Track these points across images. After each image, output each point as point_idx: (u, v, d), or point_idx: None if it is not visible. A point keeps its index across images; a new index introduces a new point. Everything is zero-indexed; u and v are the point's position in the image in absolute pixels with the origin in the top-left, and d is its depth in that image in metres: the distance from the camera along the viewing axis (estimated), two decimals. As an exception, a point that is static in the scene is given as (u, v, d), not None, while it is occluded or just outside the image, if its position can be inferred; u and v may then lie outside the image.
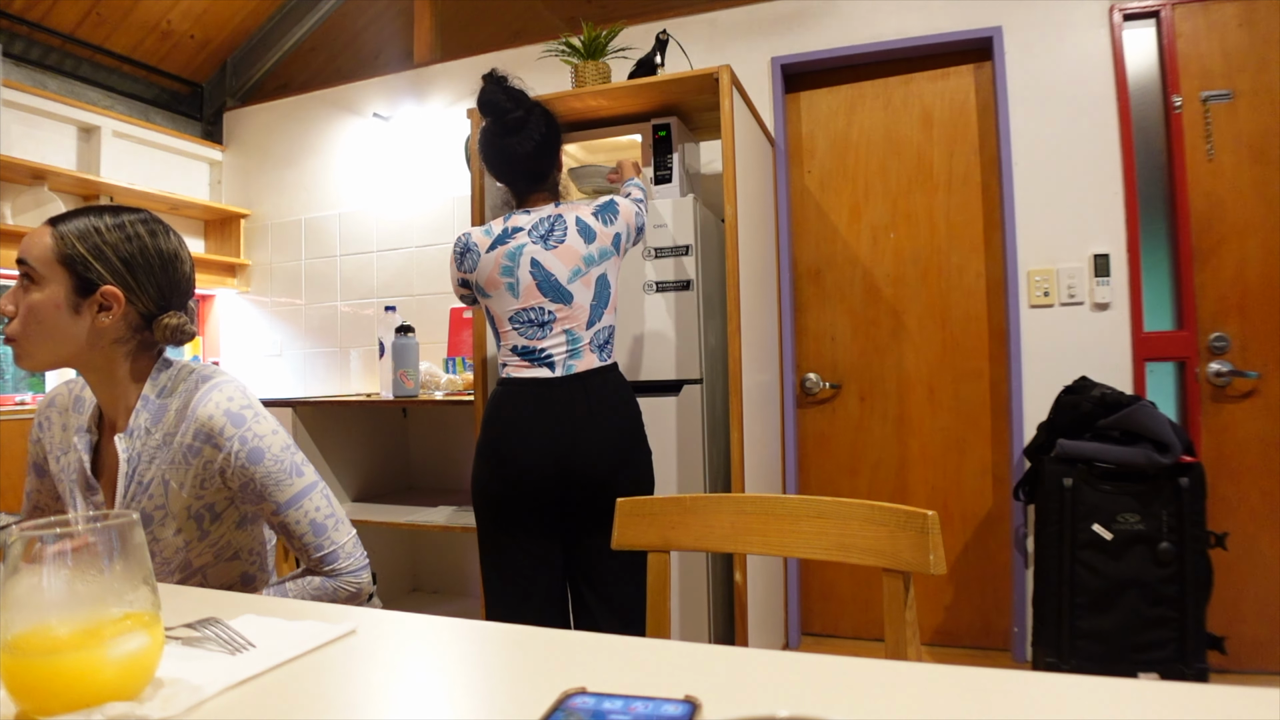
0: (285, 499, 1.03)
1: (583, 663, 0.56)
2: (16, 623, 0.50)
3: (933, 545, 0.85)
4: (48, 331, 0.99)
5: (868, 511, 0.91)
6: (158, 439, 1.03)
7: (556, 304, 1.68)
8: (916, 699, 0.48)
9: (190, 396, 1.03)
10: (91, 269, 1.00)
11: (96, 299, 1.00)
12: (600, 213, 1.76)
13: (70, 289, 0.99)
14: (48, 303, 0.99)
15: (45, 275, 0.98)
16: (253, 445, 1.02)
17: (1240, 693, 0.45)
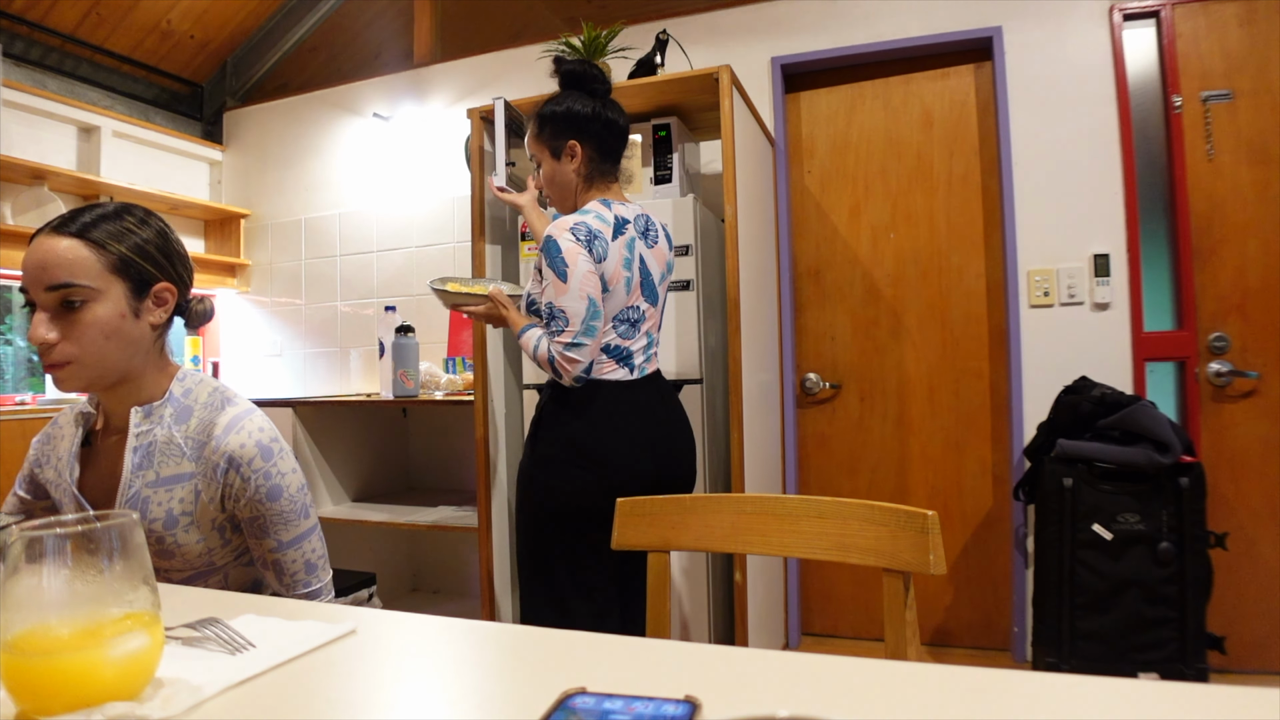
0: (289, 539, 1.04)
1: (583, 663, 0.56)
2: (17, 622, 0.50)
3: (933, 545, 0.85)
4: (116, 344, 0.97)
5: (868, 511, 0.91)
6: (180, 440, 1.02)
7: (649, 304, 1.67)
8: (916, 699, 0.48)
9: (216, 415, 1.03)
10: (145, 270, 1.00)
11: (151, 298, 1.01)
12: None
13: (129, 294, 0.98)
14: (113, 315, 0.96)
15: (101, 289, 0.95)
16: (274, 482, 1.02)
17: (1240, 693, 0.45)
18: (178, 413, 1.04)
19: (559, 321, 1.52)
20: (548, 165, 1.64)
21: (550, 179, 1.65)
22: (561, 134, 1.62)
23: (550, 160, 1.64)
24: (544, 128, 1.63)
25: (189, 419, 1.04)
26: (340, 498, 2.85)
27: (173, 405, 1.04)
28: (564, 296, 1.51)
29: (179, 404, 1.04)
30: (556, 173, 1.63)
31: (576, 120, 1.62)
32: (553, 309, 1.52)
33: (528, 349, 1.58)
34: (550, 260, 1.52)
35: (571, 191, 1.65)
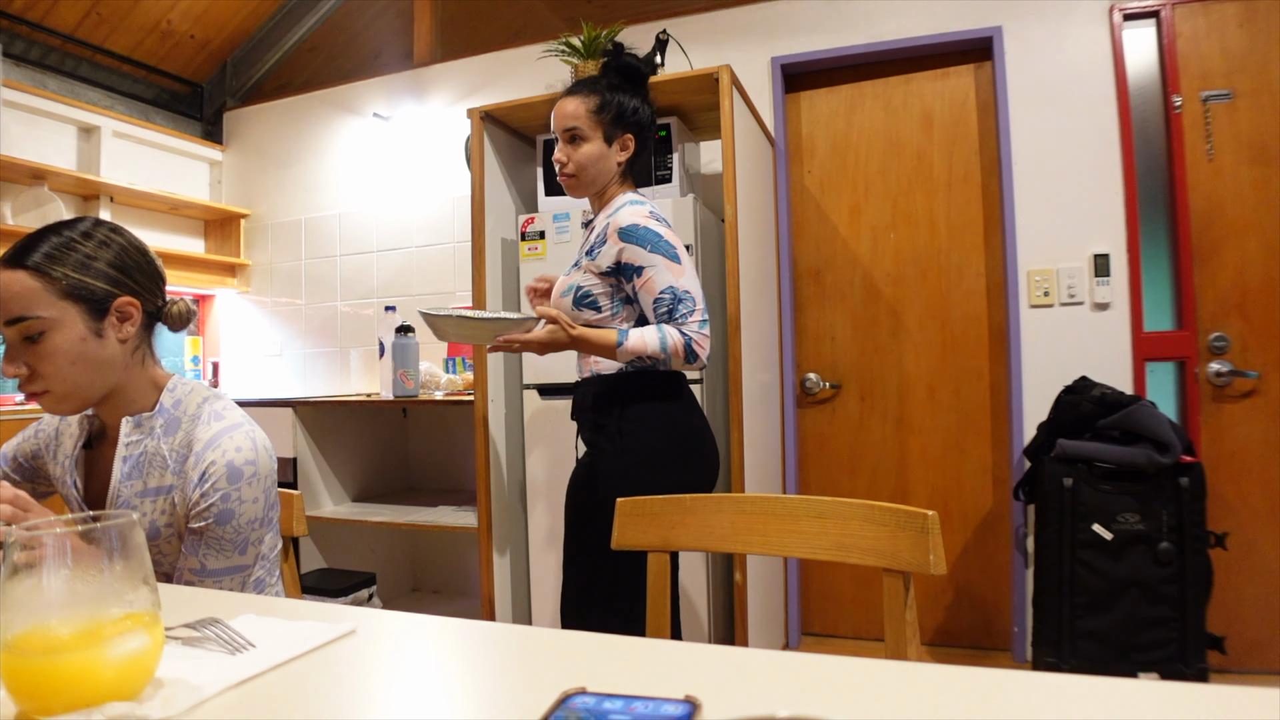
0: (215, 567, 1.00)
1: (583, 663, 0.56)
2: (16, 622, 0.50)
3: (933, 545, 0.85)
4: (84, 367, 0.97)
5: (868, 511, 0.91)
6: (165, 452, 1.02)
7: None
8: (916, 699, 0.48)
9: (204, 430, 1.02)
10: (98, 289, 0.98)
11: (113, 315, 0.99)
12: None
13: (86, 316, 0.97)
14: (72, 340, 0.95)
15: (54, 317, 0.94)
16: (229, 506, 0.99)
17: (1240, 693, 0.45)
18: (167, 424, 1.03)
19: (687, 303, 1.47)
20: (595, 146, 1.57)
21: (592, 159, 1.57)
22: (623, 126, 1.59)
23: (600, 143, 1.57)
24: (606, 110, 1.57)
25: (177, 431, 1.03)
26: (340, 498, 2.85)
27: (163, 416, 1.04)
28: (683, 278, 1.48)
29: (169, 415, 1.04)
30: (602, 157, 1.57)
31: (641, 121, 1.62)
32: (676, 292, 1.47)
33: (648, 348, 1.46)
34: (654, 246, 1.48)
35: (606, 180, 1.60)
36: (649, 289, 1.48)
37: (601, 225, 1.56)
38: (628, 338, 1.46)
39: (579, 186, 1.61)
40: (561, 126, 1.58)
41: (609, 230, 1.51)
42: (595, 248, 1.54)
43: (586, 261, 1.53)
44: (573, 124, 1.57)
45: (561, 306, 1.55)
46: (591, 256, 1.53)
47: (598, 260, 1.52)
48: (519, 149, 2.58)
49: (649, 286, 1.48)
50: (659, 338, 1.46)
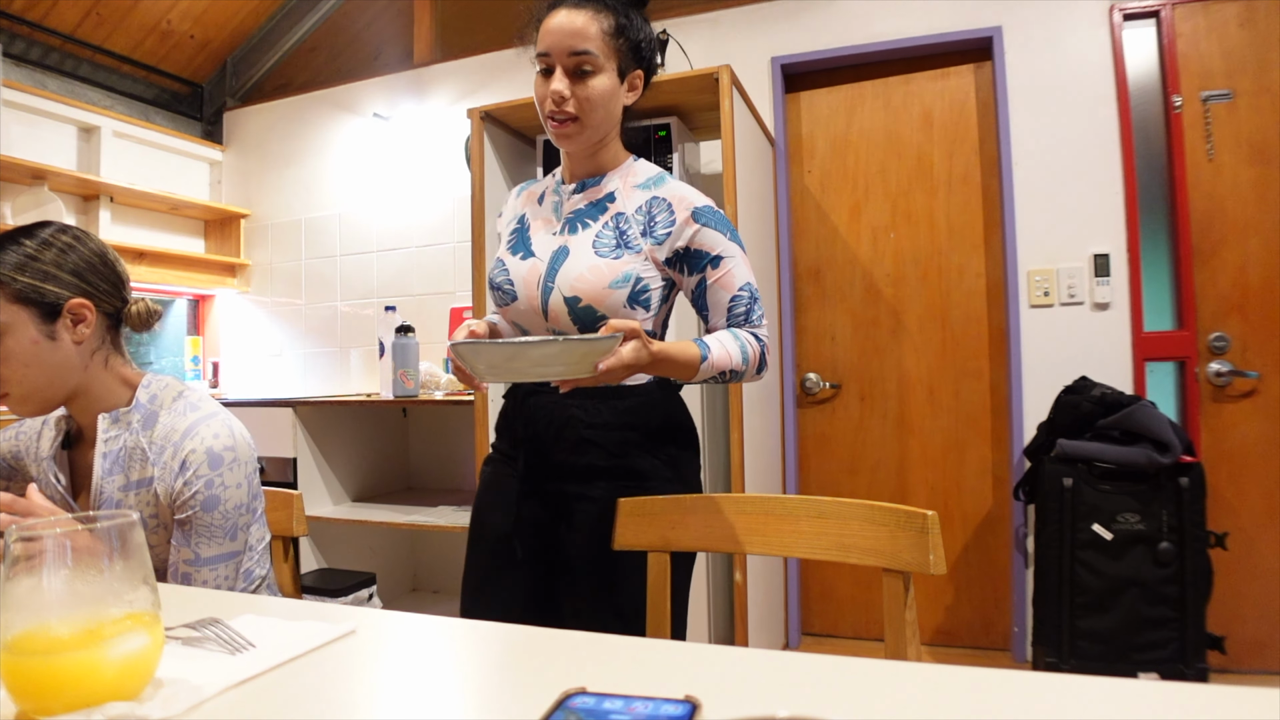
0: (208, 555, 1.01)
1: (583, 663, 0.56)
2: (17, 623, 0.50)
3: (933, 545, 0.85)
4: (39, 371, 0.98)
5: (868, 511, 0.91)
6: (145, 445, 1.03)
7: None
8: (916, 699, 0.48)
9: (178, 420, 1.04)
10: (48, 292, 0.99)
11: (66, 317, 1.00)
12: None
13: (38, 320, 0.98)
14: (23, 344, 0.97)
15: (6, 320, 0.96)
16: (214, 492, 1.01)
17: (1240, 693, 0.45)
18: (145, 418, 1.05)
19: (759, 304, 1.22)
20: (607, 78, 1.16)
21: (604, 97, 1.16)
22: (638, 59, 1.21)
23: (614, 76, 1.17)
24: (624, 34, 1.18)
25: (154, 424, 1.04)
26: (340, 498, 2.85)
27: (140, 411, 1.05)
28: (750, 273, 1.21)
29: (145, 410, 1.05)
30: (614, 96, 1.18)
31: (653, 56, 1.26)
32: (753, 290, 1.21)
33: (731, 362, 1.14)
34: (731, 233, 1.19)
35: (610, 129, 1.22)
36: (726, 284, 1.18)
37: (641, 198, 1.20)
38: (711, 350, 1.12)
39: (577, 135, 1.18)
40: (565, 49, 1.15)
41: (674, 206, 1.17)
42: (656, 227, 1.17)
43: (649, 245, 1.17)
44: (584, 47, 1.14)
45: (610, 304, 1.15)
46: (656, 239, 1.17)
47: (664, 244, 1.17)
48: (519, 149, 2.58)
49: (726, 281, 1.18)
50: (739, 348, 1.15)
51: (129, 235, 3.30)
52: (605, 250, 1.17)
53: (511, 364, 0.96)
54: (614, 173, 1.24)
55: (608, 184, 1.23)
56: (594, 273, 1.15)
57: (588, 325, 1.16)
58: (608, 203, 1.22)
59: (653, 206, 1.19)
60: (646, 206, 1.19)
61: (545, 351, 0.93)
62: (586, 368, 0.96)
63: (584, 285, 1.15)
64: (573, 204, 1.23)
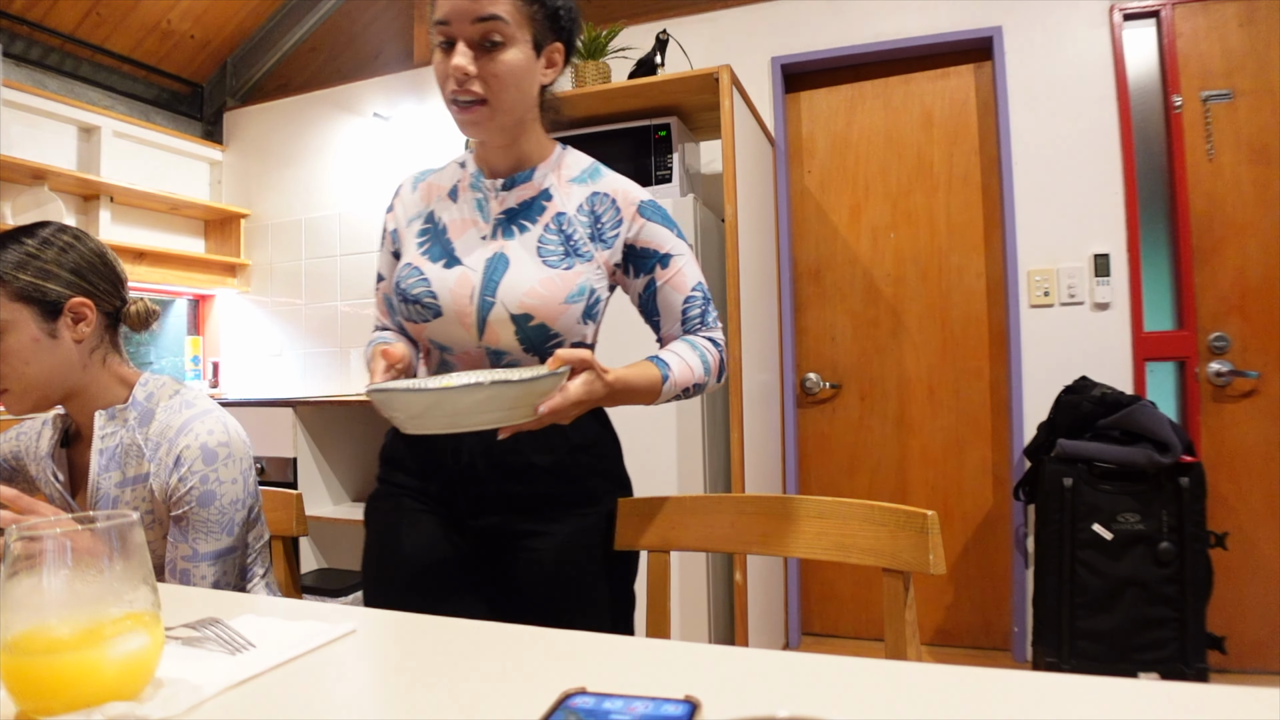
0: (205, 550, 1.01)
1: (583, 663, 0.56)
2: (16, 622, 0.50)
3: (933, 545, 0.85)
4: (39, 369, 0.99)
5: (868, 511, 0.91)
6: (141, 441, 1.04)
7: None
8: (916, 699, 0.48)
9: (174, 417, 1.04)
10: (49, 291, 1.00)
11: (66, 316, 1.01)
12: None
13: (39, 318, 0.99)
14: (23, 342, 0.98)
15: (8, 319, 0.97)
16: (209, 488, 1.01)
17: (1240, 693, 0.45)
18: (141, 415, 1.05)
19: (713, 306, 1.11)
20: (521, 52, 0.98)
21: (518, 74, 0.98)
22: (556, 29, 1.02)
23: (529, 49, 0.99)
24: (538, 1, 0.98)
25: (151, 421, 1.05)
26: (340, 497, 2.85)
27: (136, 409, 1.05)
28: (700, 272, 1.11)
29: (142, 407, 1.06)
30: (528, 72, 0.99)
31: (572, 25, 1.06)
32: (705, 290, 1.10)
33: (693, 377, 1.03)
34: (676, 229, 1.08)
35: (525, 110, 1.03)
36: (678, 285, 1.07)
37: (581, 194, 1.06)
38: (672, 369, 1.01)
39: (487, 121, 0.99)
40: (468, 15, 0.94)
41: (619, 202, 1.05)
42: (604, 229, 1.05)
43: (600, 251, 1.04)
44: (491, 11, 0.95)
45: (566, 321, 1.01)
46: (606, 243, 1.04)
47: (614, 248, 1.05)
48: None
49: (678, 282, 1.07)
50: (699, 358, 1.04)
51: (129, 235, 3.30)
52: (554, 259, 1.01)
53: (434, 413, 0.80)
54: (543, 165, 1.07)
55: (540, 179, 1.06)
56: (547, 286, 0.99)
57: (538, 346, 1.01)
58: (544, 201, 1.05)
59: (595, 204, 1.05)
60: (589, 205, 1.05)
61: (474, 398, 0.79)
62: (525, 412, 0.83)
63: (536, 301, 0.98)
64: (502, 202, 1.05)
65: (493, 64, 0.96)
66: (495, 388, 0.78)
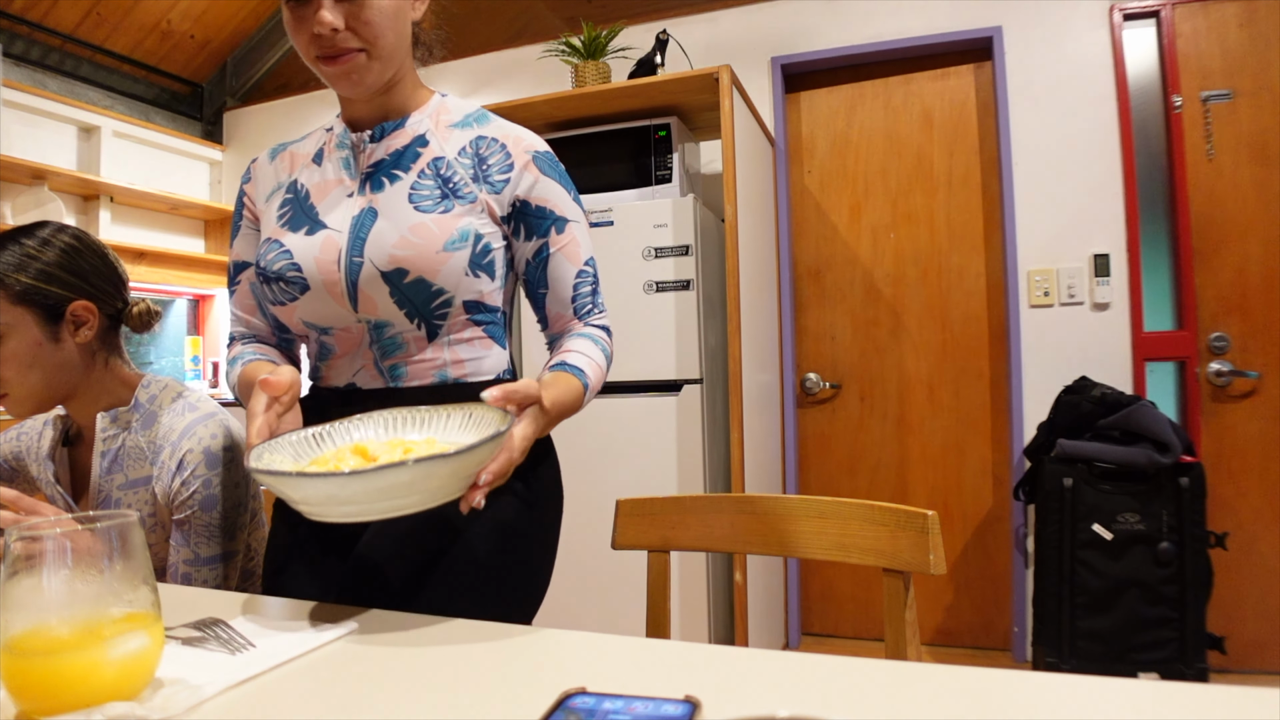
0: (207, 555, 1.01)
1: (583, 663, 0.56)
2: (16, 622, 0.50)
3: (933, 545, 0.84)
4: (41, 372, 0.98)
5: (868, 511, 0.91)
6: (144, 444, 1.04)
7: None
8: (916, 699, 0.48)
9: (176, 420, 1.04)
10: (51, 294, 0.98)
11: (68, 319, 1.00)
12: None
13: (40, 321, 0.98)
14: (25, 346, 0.97)
15: (8, 323, 0.96)
16: (212, 492, 1.00)
17: (1240, 693, 0.45)
18: (144, 418, 1.05)
19: (599, 287, 1.00)
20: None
21: (390, 14, 0.86)
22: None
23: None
24: None
25: (153, 424, 1.05)
26: (340, 498, 2.85)
27: (139, 411, 1.05)
28: (591, 246, 0.99)
29: (145, 410, 1.05)
30: (401, 11, 0.89)
31: None
32: (595, 268, 0.99)
33: (600, 378, 0.94)
34: (574, 193, 0.98)
35: (405, 54, 0.93)
36: (571, 255, 0.95)
37: (463, 138, 0.93)
38: (588, 375, 0.91)
39: (366, 71, 0.87)
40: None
41: (509, 147, 0.93)
42: (490, 170, 0.91)
43: (485, 193, 0.90)
44: None
45: (448, 272, 0.87)
46: (493, 185, 0.91)
47: (503, 194, 0.91)
48: (519, 149, 2.58)
49: (571, 252, 0.95)
50: (601, 352, 0.95)
51: (129, 235, 3.30)
52: (428, 203, 0.88)
53: (337, 503, 0.61)
54: (419, 112, 0.95)
55: (415, 125, 0.94)
56: (419, 232, 0.86)
57: (423, 309, 0.88)
58: (419, 148, 0.92)
59: (480, 147, 0.92)
60: (472, 148, 0.92)
61: (392, 481, 0.59)
62: (460, 485, 0.65)
63: (408, 251, 0.85)
64: (370, 155, 0.92)
65: (363, 9, 0.84)
66: (424, 466, 0.58)
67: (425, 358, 0.91)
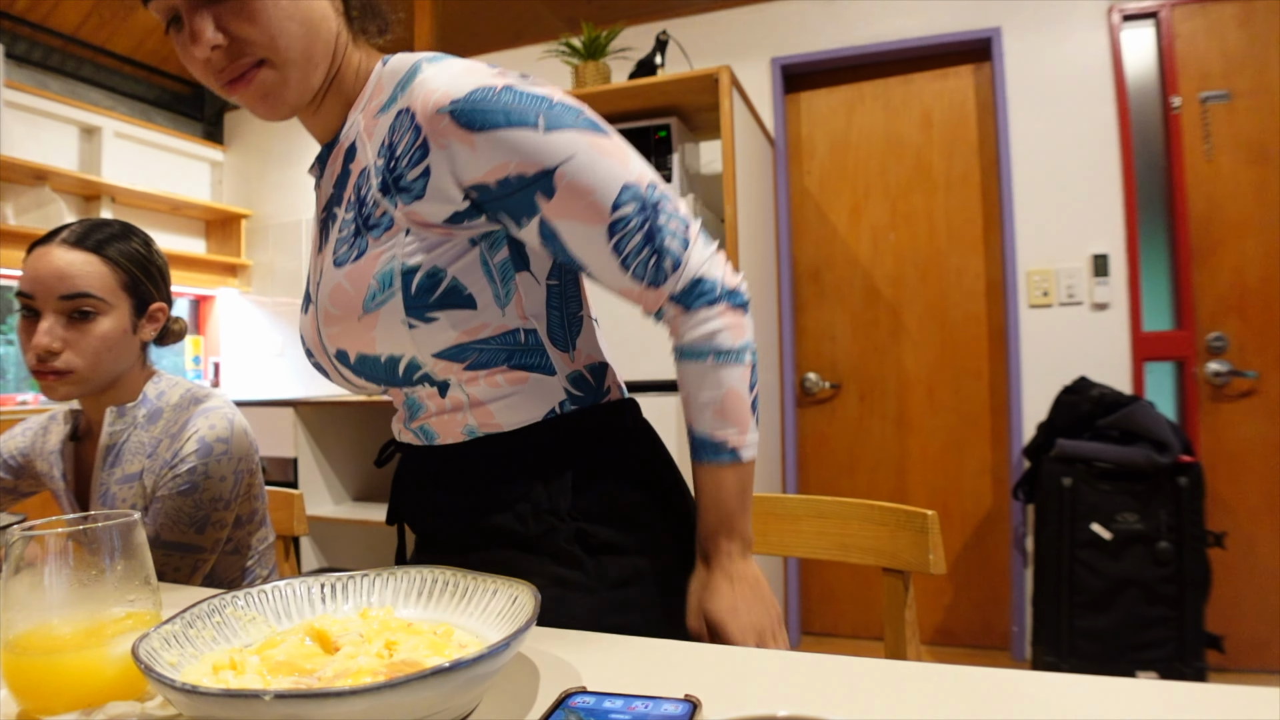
0: (167, 539, 1.00)
1: (583, 663, 0.56)
2: (18, 622, 0.51)
3: (933, 545, 0.85)
4: (113, 357, 1.02)
5: (867, 511, 0.91)
6: (147, 440, 1.05)
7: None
8: (916, 699, 0.48)
9: (182, 415, 1.06)
10: (148, 290, 1.06)
11: (148, 317, 1.07)
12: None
13: (132, 311, 1.04)
14: (118, 330, 1.02)
15: (113, 304, 1.01)
16: (194, 480, 1.00)
17: (1239, 692, 0.46)
18: (150, 414, 1.06)
19: (674, 219, 0.66)
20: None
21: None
22: None
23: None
24: None
25: (159, 419, 1.06)
26: (341, 497, 2.85)
27: (145, 406, 1.07)
28: (633, 162, 0.66)
29: (151, 405, 1.07)
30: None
31: None
32: (641, 195, 0.65)
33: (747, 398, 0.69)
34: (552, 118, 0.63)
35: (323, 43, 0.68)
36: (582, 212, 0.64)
37: (384, 127, 0.67)
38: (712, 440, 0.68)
39: (283, 89, 0.67)
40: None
41: (419, 117, 0.64)
42: (400, 165, 0.65)
43: (399, 205, 0.65)
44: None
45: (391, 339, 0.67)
46: (406, 189, 0.64)
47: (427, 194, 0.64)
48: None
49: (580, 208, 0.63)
50: (734, 366, 0.68)
51: (129, 235, 3.30)
52: (343, 250, 0.68)
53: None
54: (356, 105, 0.72)
55: (348, 133, 0.71)
56: (337, 299, 0.67)
57: (389, 379, 0.71)
58: (349, 164, 0.71)
59: (394, 133, 0.66)
60: (388, 139, 0.67)
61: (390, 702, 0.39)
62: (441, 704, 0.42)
63: (335, 327, 0.69)
64: (323, 193, 0.75)
65: (242, 9, 0.62)
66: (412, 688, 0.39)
67: (446, 412, 0.72)
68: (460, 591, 0.59)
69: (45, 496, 1.17)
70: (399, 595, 0.61)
